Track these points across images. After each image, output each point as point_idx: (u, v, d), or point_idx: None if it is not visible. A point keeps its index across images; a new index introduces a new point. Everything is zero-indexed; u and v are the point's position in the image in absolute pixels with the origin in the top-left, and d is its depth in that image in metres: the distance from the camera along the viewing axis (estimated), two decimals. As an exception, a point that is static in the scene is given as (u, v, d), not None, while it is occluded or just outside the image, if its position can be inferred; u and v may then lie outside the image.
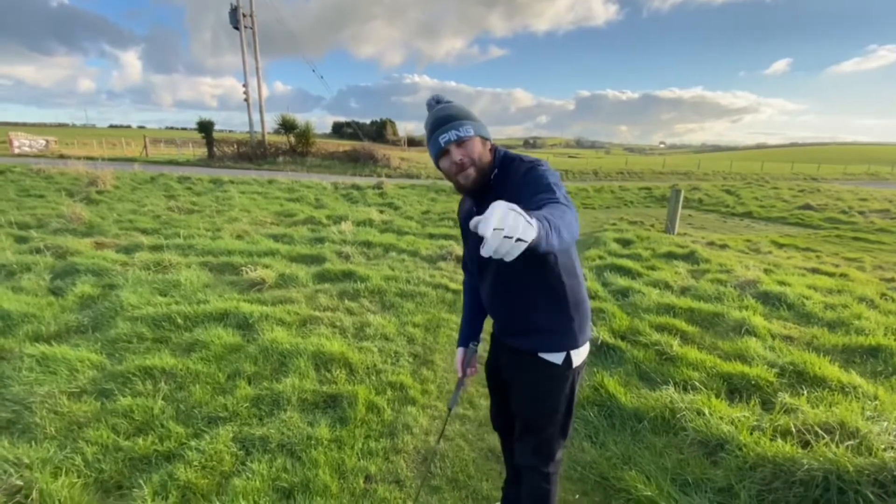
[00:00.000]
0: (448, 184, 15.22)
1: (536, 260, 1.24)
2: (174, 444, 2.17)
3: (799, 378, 2.88)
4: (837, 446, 2.00)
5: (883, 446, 2.01)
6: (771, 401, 2.65)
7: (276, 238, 6.41)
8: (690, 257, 6.16)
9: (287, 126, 24.04)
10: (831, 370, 2.91)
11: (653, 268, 5.61)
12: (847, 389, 2.75)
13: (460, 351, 1.59)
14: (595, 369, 3.01)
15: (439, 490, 2.06)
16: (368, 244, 6.23)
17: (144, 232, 6.47)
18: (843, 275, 5.68)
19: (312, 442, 2.24)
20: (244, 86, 23.08)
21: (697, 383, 2.76)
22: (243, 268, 4.55)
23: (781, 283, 4.83)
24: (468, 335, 1.59)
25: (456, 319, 3.84)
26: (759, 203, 14.16)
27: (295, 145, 24.18)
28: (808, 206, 12.93)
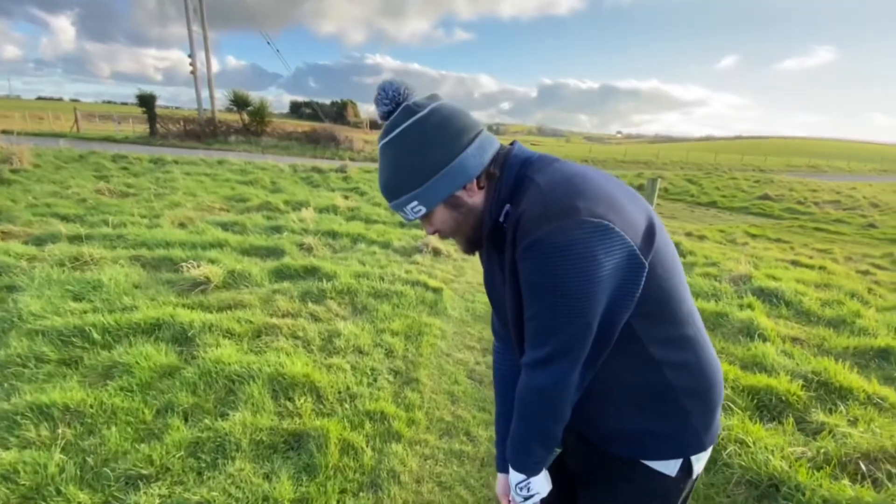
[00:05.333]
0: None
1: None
2: (73, 521, 1.57)
3: (825, 390, 2.61)
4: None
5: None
6: (804, 419, 2.36)
7: (224, 227, 5.63)
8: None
9: (240, 103, 22.38)
10: (855, 380, 2.66)
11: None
12: (875, 401, 2.51)
13: (501, 478, 1.05)
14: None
15: (442, 568, 1.59)
16: (333, 234, 5.59)
17: (65, 219, 5.50)
18: (821, 267, 5.64)
19: (270, 505, 1.70)
20: (190, 57, 21.18)
21: (726, 402, 2.41)
22: (184, 263, 3.83)
23: (772, 277, 4.66)
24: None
25: (440, 324, 3.34)
26: (720, 193, 14.47)
27: (249, 124, 22.58)
28: (766, 197, 13.30)
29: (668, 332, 0.79)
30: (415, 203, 0.80)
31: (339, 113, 47.77)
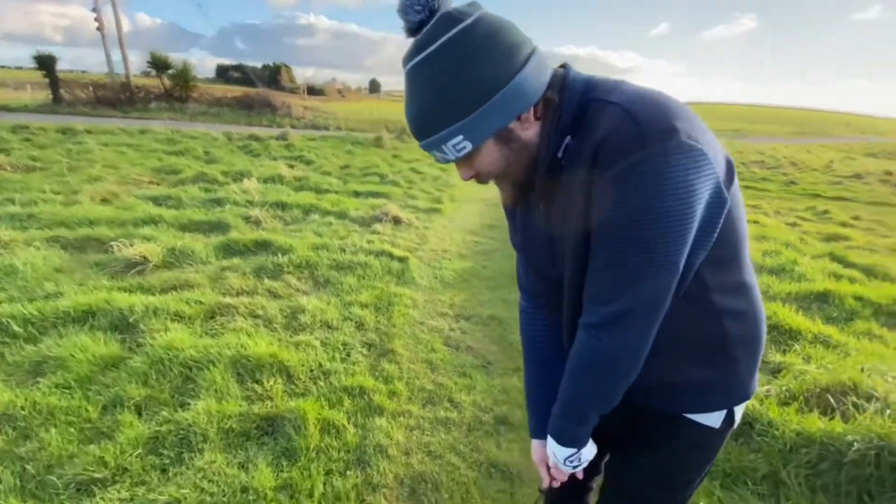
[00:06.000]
0: (368, 135, 13.95)
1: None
2: (13, 541, 1.34)
3: (777, 332, 2.80)
4: (880, 416, 1.83)
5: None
6: (764, 360, 2.48)
7: (157, 201, 5.08)
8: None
9: (159, 65, 20.14)
10: (802, 321, 2.87)
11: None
12: (822, 339, 2.72)
13: (537, 444, 0.92)
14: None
15: (443, 539, 1.53)
16: (282, 205, 5.21)
17: (-43, 198, 4.71)
18: (755, 221, 6.05)
19: (251, 497, 1.55)
20: (95, 12, 18.64)
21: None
22: (114, 243, 3.40)
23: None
24: (544, 412, 0.86)
25: (410, 293, 3.22)
26: (659, 155, 15.14)
27: (171, 89, 20.47)
28: (700, 158, 14.08)
29: (733, 277, 0.73)
30: (459, 138, 0.63)
31: (272, 77, 44.52)
